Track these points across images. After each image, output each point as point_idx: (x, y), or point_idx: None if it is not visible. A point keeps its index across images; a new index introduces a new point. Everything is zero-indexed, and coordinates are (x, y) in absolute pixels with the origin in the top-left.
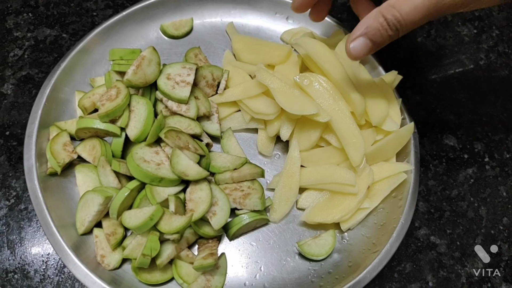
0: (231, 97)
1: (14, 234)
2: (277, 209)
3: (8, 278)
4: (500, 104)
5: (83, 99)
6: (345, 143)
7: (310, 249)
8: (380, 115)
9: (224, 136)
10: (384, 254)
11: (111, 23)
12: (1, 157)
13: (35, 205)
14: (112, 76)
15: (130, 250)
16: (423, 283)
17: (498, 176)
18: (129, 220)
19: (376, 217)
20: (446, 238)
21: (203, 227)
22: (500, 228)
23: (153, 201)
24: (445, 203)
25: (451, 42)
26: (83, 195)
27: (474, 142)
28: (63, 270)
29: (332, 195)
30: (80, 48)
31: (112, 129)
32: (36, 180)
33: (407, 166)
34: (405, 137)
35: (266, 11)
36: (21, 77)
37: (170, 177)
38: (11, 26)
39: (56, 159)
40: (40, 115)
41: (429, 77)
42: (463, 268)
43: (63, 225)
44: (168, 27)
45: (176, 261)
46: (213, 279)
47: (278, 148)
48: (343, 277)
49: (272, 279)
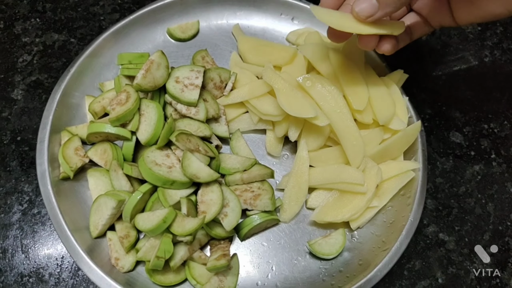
0: (237, 98)
1: (28, 238)
2: (287, 209)
3: (24, 282)
4: (505, 100)
5: (93, 104)
6: (345, 145)
7: (321, 248)
8: (387, 114)
9: (233, 137)
10: (394, 252)
11: (119, 28)
12: (13, 162)
13: (49, 209)
14: (121, 81)
15: (144, 252)
16: (432, 280)
17: (505, 173)
18: (142, 223)
19: (385, 215)
20: (455, 235)
21: (215, 228)
22: (507, 224)
23: (166, 203)
24: (453, 200)
25: (456, 39)
26: (96, 199)
27: (480, 139)
28: (77, 273)
29: (341, 194)
30: (89, 53)
31: (123, 133)
32: (50, 185)
33: (414, 164)
34: (412, 136)
35: (271, 12)
36: (30, 83)
37: (182, 179)
38: (19, 31)
39: (68, 164)
40: (51, 120)
41: (434, 74)
42: (472, 265)
43: (77, 228)
44: (175, 30)
45: (189, 263)
46: (226, 279)
47: (287, 148)
48: (354, 275)
49: (284, 278)
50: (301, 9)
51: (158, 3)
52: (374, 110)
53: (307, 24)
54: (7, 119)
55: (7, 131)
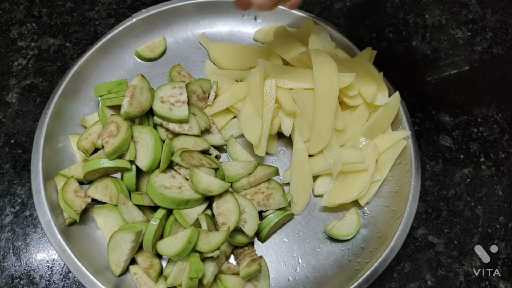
0: (222, 106)
1: (19, 240)
2: (297, 201)
3: (14, 284)
4: (494, 104)
5: (81, 141)
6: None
7: (339, 231)
8: (371, 91)
9: (229, 144)
10: (407, 218)
11: (86, 60)
12: (6, 164)
13: (64, 258)
14: (105, 112)
15: (174, 277)
16: (422, 282)
17: (494, 176)
18: (167, 249)
19: (388, 186)
20: (444, 237)
21: (235, 236)
22: (496, 227)
23: (186, 224)
24: (442, 203)
25: (446, 45)
26: (112, 236)
27: (469, 143)
28: (68, 275)
29: (345, 175)
30: (62, 91)
31: (123, 165)
32: (58, 233)
33: (404, 133)
34: (395, 106)
35: (233, 15)
36: (25, 86)
37: (195, 197)
38: (15, 36)
39: (72, 208)
40: (42, 168)
41: (424, 79)
42: (461, 267)
43: (98, 270)
44: (143, 50)
45: (219, 276)
46: (259, 283)
47: (281, 143)
48: (376, 248)
49: (312, 268)
50: None
51: (121, 27)
52: (360, 90)
53: (270, 21)
54: (1, 122)
55: (1, 134)
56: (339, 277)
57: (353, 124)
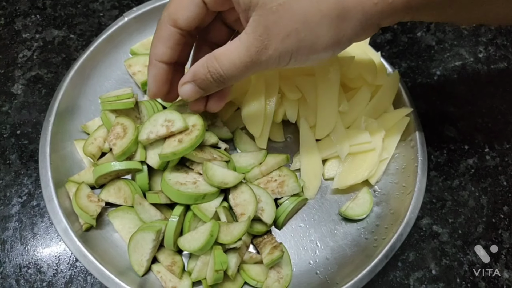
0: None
1: (27, 230)
2: (309, 186)
3: (22, 273)
4: (499, 95)
5: (87, 147)
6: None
7: (354, 211)
8: (372, 71)
9: (236, 136)
10: (418, 192)
11: (83, 62)
12: (13, 155)
13: (86, 264)
14: (108, 116)
15: (198, 272)
16: (426, 271)
17: (498, 166)
18: (189, 245)
19: (396, 163)
20: (448, 227)
21: (254, 226)
22: (501, 217)
23: (206, 218)
24: (446, 193)
25: (450, 36)
26: (132, 237)
27: (474, 133)
28: (75, 264)
29: (354, 156)
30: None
31: (134, 166)
32: (77, 240)
33: (407, 110)
34: (395, 84)
35: None
36: (30, 77)
37: (211, 190)
38: (20, 27)
39: (88, 213)
40: (51, 176)
41: (429, 70)
42: (465, 256)
43: (121, 272)
44: (138, 49)
45: (242, 266)
46: (282, 269)
47: (288, 131)
48: (391, 224)
49: (331, 250)
50: None
51: (114, 27)
52: (360, 71)
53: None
54: (7, 113)
55: (7, 125)
56: (358, 256)
57: (356, 105)
